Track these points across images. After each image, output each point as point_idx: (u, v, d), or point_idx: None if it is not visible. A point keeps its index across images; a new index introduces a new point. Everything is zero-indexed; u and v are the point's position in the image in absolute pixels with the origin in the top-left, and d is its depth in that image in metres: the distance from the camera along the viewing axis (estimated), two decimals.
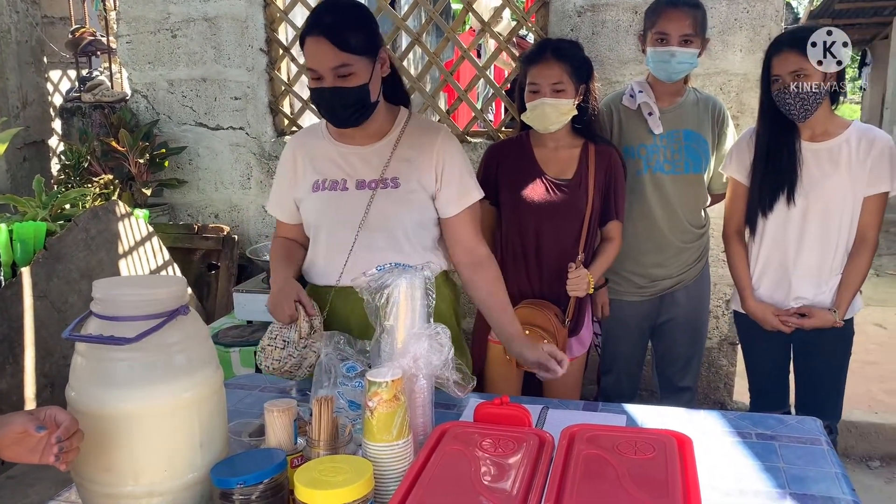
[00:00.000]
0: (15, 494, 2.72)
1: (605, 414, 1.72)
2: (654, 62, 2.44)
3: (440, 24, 3.60)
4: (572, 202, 2.30)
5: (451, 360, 1.39)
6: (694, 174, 2.51)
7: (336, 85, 1.74)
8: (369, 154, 1.89)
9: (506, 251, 2.39)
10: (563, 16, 3.37)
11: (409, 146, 1.88)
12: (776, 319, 2.36)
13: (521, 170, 2.35)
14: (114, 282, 1.43)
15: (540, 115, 2.25)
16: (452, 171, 1.89)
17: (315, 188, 1.90)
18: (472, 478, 1.20)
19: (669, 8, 2.41)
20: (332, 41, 1.71)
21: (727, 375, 3.51)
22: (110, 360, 1.21)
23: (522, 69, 2.34)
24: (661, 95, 2.52)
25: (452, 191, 1.90)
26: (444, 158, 1.89)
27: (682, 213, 2.54)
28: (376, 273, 1.47)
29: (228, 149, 3.94)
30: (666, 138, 2.49)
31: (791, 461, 1.48)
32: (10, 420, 1.15)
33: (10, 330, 2.86)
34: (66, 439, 1.12)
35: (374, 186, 1.85)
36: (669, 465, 1.21)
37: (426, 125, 1.96)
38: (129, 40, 3.95)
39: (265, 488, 1.19)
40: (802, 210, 2.28)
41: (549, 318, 2.24)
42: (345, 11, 1.79)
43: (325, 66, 1.73)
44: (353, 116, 1.80)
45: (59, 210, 3.44)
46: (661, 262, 2.58)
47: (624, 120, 2.54)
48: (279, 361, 1.78)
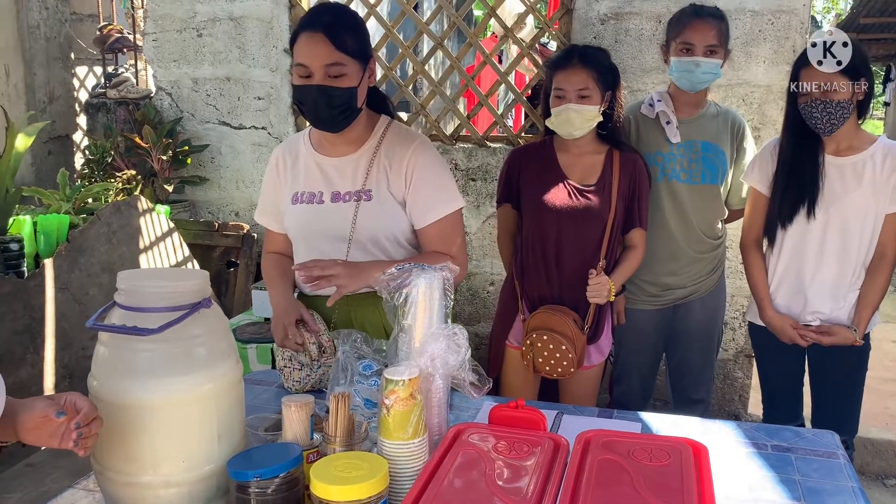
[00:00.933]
0: (32, 482, 2.75)
1: (620, 421, 1.72)
2: (677, 72, 2.43)
3: (463, 29, 3.62)
4: (594, 208, 2.29)
5: (467, 360, 1.40)
6: (710, 185, 2.50)
7: (325, 84, 1.72)
8: (345, 165, 1.87)
9: (526, 256, 2.38)
10: (587, 23, 3.38)
11: (386, 156, 1.85)
12: (794, 332, 2.34)
13: (543, 174, 2.34)
14: (138, 273, 1.45)
15: (564, 121, 2.25)
16: (422, 180, 1.84)
17: (294, 200, 1.90)
18: (486, 479, 1.21)
19: (695, 19, 2.41)
20: (329, 38, 1.70)
21: (742, 388, 3.49)
22: (132, 350, 1.22)
23: (548, 74, 2.34)
24: (682, 106, 2.51)
25: (421, 201, 1.85)
26: (414, 168, 1.84)
27: (697, 222, 2.53)
28: (395, 272, 1.47)
29: (250, 148, 3.97)
30: (683, 147, 2.49)
31: (807, 474, 1.47)
32: (32, 405, 1.17)
33: (31, 320, 2.90)
34: (85, 425, 1.14)
35: (347, 199, 1.84)
36: (685, 473, 1.21)
37: (404, 133, 1.91)
38: (155, 38, 4.00)
39: (281, 482, 1.20)
40: (822, 224, 2.27)
41: (566, 324, 2.24)
42: (342, 13, 1.81)
43: (319, 62, 1.71)
44: (338, 118, 1.78)
45: (83, 204, 3.48)
46: (675, 270, 2.56)
47: (642, 128, 2.54)
48: (300, 382, 1.81)
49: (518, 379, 2.42)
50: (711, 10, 2.45)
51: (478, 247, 3.69)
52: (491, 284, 3.72)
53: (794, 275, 2.35)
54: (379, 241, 1.85)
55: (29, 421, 1.16)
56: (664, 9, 3.28)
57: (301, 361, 1.81)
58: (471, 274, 3.70)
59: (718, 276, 2.65)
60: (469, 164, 3.63)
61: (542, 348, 2.26)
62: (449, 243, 1.89)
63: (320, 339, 1.80)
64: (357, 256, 1.84)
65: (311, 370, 1.80)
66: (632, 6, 3.32)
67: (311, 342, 1.78)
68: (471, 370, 1.39)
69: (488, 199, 3.62)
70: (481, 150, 3.62)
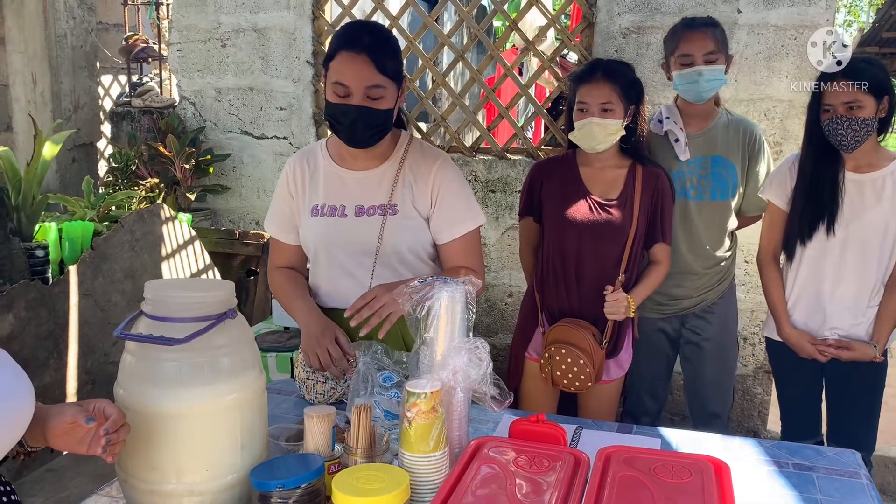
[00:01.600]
0: (54, 487, 2.78)
1: (640, 437, 1.71)
2: (682, 85, 2.44)
3: (484, 41, 3.64)
4: (615, 223, 2.28)
5: (489, 374, 1.40)
6: (720, 200, 2.49)
7: (365, 105, 1.74)
8: (369, 179, 1.88)
9: (546, 269, 2.38)
10: (608, 37, 3.38)
11: (411, 171, 1.88)
12: (812, 347, 2.33)
13: (565, 188, 2.34)
14: (165, 283, 1.48)
15: (587, 135, 2.25)
16: (447, 197, 1.87)
17: (315, 212, 1.90)
18: (507, 493, 1.21)
19: (688, 30, 2.43)
20: (372, 60, 1.72)
21: (761, 404, 3.46)
22: (159, 359, 1.24)
23: (572, 88, 2.34)
24: (691, 120, 2.51)
25: (444, 218, 1.88)
26: (440, 185, 1.87)
27: (705, 239, 2.52)
28: (418, 285, 1.48)
29: (272, 157, 4.01)
30: (693, 164, 2.48)
31: (829, 493, 1.46)
32: (62, 410, 1.19)
33: (55, 326, 2.94)
34: (114, 432, 1.16)
35: (372, 213, 1.86)
36: (706, 491, 1.21)
37: (426, 150, 1.94)
38: (179, 48, 4.05)
39: (303, 493, 1.21)
40: (842, 240, 2.26)
41: (585, 338, 2.23)
42: (382, 35, 1.82)
43: (361, 83, 1.73)
44: (372, 139, 1.81)
45: (107, 211, 3.53)
46: (680, 283, 2.55)
47: (652, 145, 2.53)
48: (323, 395, 1.82)
49: (537, 391, 2.41)
50: (704, 20, 2.46)
51: (496, 258, 3.70)
52: (509, 296, 3.72)
53: (812, 290, 2.34)
54: (403, 255, 1.86)
55: (58, 427, 1.18)
56: None
57: (326, 375, 1.81)
58: (489, 285, 3.71)
59: (727, 286, 2.64)
60: (489, 176, 3.64)
61: (559, 362, 2.26)
62: (470, 258, 1.92)
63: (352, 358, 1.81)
64: (382, 271, 1.85)
65: (336, 384, 1.81)
66: (653, 20, 3.33)
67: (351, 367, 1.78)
68: (492, 384, 1.40)
69: (507, 211, 3.63)
70: (501, 162, 3.63)
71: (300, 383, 1.88)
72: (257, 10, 3.87)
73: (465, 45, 3.75)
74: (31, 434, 1.18)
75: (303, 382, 1.86)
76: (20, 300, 2.81)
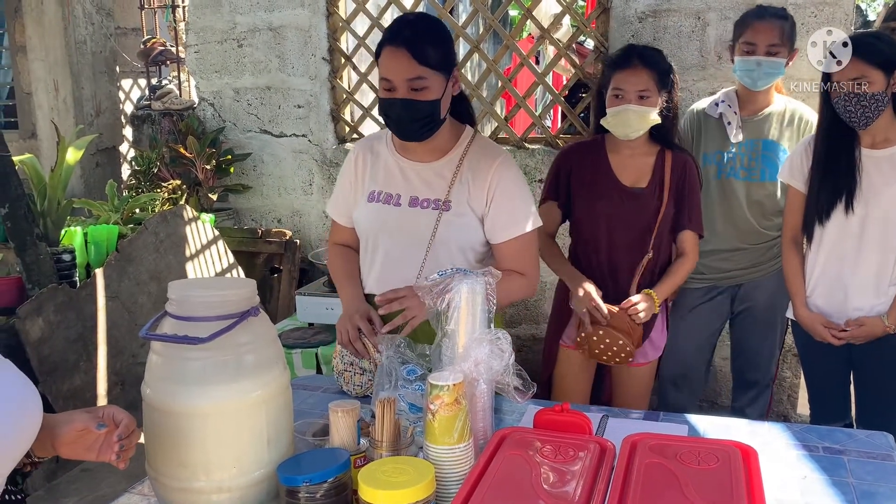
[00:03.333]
0: (88, 487, 2.83)
1: (667, 424, 1.70)
2: (740, 71, 2.50)
3: (499, 31, 3.62)
4: (645, 211, 2.27)
5: (511, 365, 1.40)
6: (770, 182, 2.54)
7: (408, 97, 1.75)
8: (428, 171, 1.88)
9: (576, 256, 2.40)
10: (624, 22, 3.35)
11: (469, 168, 1.86)
12: (825, 331, 2.30)
13: (595, 176, 2.32)
14: (188, 283, 1.49)
15: (623, 121, 2.22)
16: (503, 198, 1.85)
17: (371, 198, 1.91)
18: (532, 483, 1.21)
19: (757, 20, 2.49)
20: (411, 53, 1.72)
21: (791, 387, 3.43)
22: (184, 358, 1.25)
23: (606, 73, 2.32)
24: (747, 104, 2.57)
25: (500, 219, 1.86)
26: (497, 184, 1.84)
27: (753, 216, 2.57)
28: (438, 277, 1.48)
29: (291, 155, 4.02)
30: (745, 146, 2.54)
31: (860, 476, 1.44)
32: (71, 418, 1.20)
33: (84, 329, 2.98)
34: (126, 437, 1.17)
35: (426, 206, 1.86)
36: (734, 477, 1.20)
37: (488, 148, 1.92)
38: (197, 50, 4.08)
39: (330, 487, 1.22)
40: (861, 218, 2.23)
41: (622, 318, 2.22)
42: (426, 25, 1.82)
43: (402, 76, 1.73)
44: (421, 131, 1.80)
45: (130, 214, 3.57)
46: (727, 257, 2.63)
47: (704, 127, 2.61)
48: (360, 387, 1.84)
49: (571, 378, 2.43)
50: (775, 11, 2.52)
51: None
52: None
53: (833, 271, 2.31)
54: (452, 251, 1.86)
55: (68, 434, 1.18)
56: (703, 5, 3.24)
57: (363, 367, 1.83)
58: None
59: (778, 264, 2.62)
60: None
61: (598, 342, 2.25)
62: (523, 262, 1.89)
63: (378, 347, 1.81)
64: (431, 263, 1.84)
65: (372, 376, 1.81)
66: (670, 3, 3.29)
67: (377, 352, 1.79)
68: (515, 374, 1.39)
69: None
70: (520, 151, 3.62)
71: (338, 375, 1.89)
72: (272, 9, 3.88)
73: (480, 36, 3.74)
74: (39, 443, 1.17)
75: (340, 374, 1.87)
76: (49, 304, 2.86)
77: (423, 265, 1.85)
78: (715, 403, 3.48)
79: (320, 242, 4.02)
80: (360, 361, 1.83)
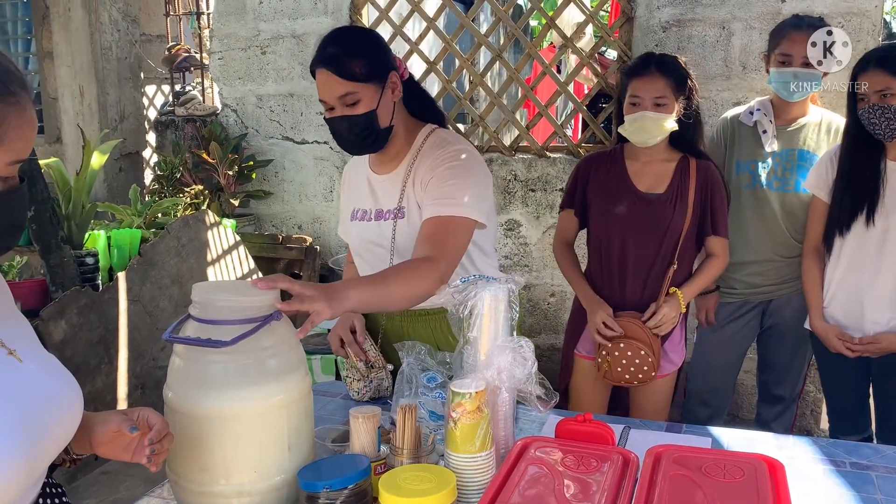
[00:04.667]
0: (107, 490, 2.84)
1: (690, 436, 1.68)
2: (776, 83, 2.47)
3: (522, 39, 3.62)
4: (660, 217, 2.25)
5: (534, 374, 1.38)
6: (805, 193, 2.49)
7: (345, 114, 1.72)
8: (386, 182, 1.87)
9: (593, 264, 2.39)
10: (648, 31, 3.34)
11: (420, 168, 1.80)
12: (839, 342, 2.28)
13: (610, 182, 2.32)
14: (212, 286, 1.49)
15: (640, 128, 2.21)
16: (437, 181, 1.74)
17: (352, 217, 1.95)
18: (555, 493, 1.19)
19: (793, 30, 2.44)
20: (334, 71, 1.69)
21: (814, 402, 3.38)
22: (206, 362, 1.25)
23: (623, 81, 2.32)
24: (782, 115, 2.54)
25: (428, 198, 1.74)
26: (436, 169, 1.75)
27: (788, 228, 2.54)
28: (460, 285, 1.48)
29: (313, 162, 4.04)
30: (779, 156, 2.51)
31: (889, 493, 1.41)
32: (107, 419, 1.21)
33: (106, 332, 3.00)
34: (158, 441, 1.17)
35: (388, 217, 1.84)
36: (761, 491, 1.17)
37: (445, 141, 1.81)
38: (220, 56, 4.12)
39: (350, 493, 1.21)
40: (882, 231, 2.20)
41: (642, 329, 2.22)
42: (347, 40, 1.77)
43: (332, 95, 1.71)
44: (365, 143, 1.77)
45: (153, 218, 3.60)
46: (758, 271, 2.59)
47: (738, 135, 2.58)
48: (358, 392, 1.88)
49: (587, 389, 2.40)
50: (811, 21, 2.46)
51: (538, 258, 3.67)
52: (551, 296, 3.69)
53: (851, 283, 2.28)
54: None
55: (104, 434, 1.19)
56: (728, 14, 3.22)
57: (359, 373, 1.88)
58: (531, 285, 3.68)
59: None
60: (528, 175, 3.61)
61: (619, 357, 2.23)
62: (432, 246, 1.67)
63: (367, 355, 1.87)
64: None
65: (366, 383, 1.87)
66: (694, 13, 3.27)
67: (360, 360, 1.85)
68: (537, 383, 1.38)
69: (548, 210, 3.60)
70: (541, 160, 3.61)
71: (345, 380, 1.92)
72: (295, 17, 3.91)
73: (502, 45, 3.74)
74: (78, 441, 1.19)
75: (345, 379, 1.91)
76: (72, 307, 2.88)
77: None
78: (737, 417, 3.44)
79: (340, 248, 4.03)
80: (356, 366, 1.87)
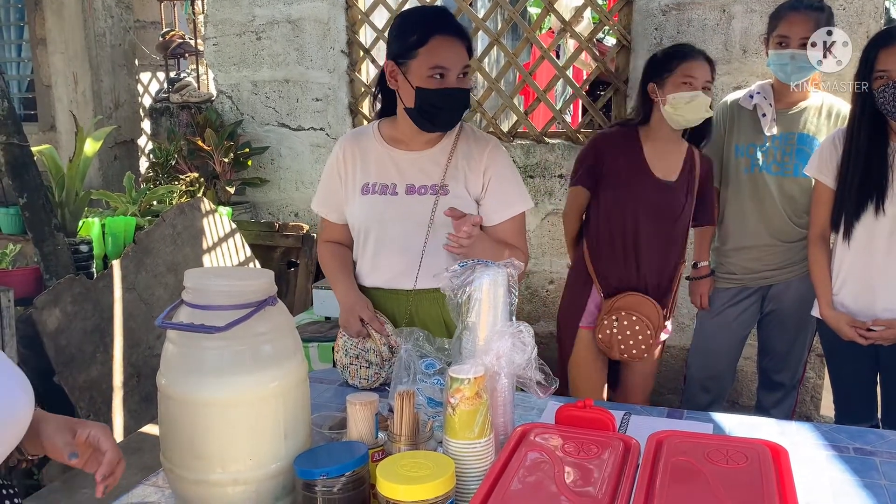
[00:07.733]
0: None
1: (691, 422, 1.66)
2: (774, 65, 2.46)
3: (520, 24, 3.58)
4: (674, 204, 2.37)
5: (533, 359, 1.36)
6: (804, 178, 2.48)
7: (459, 86, 1.81)
8: (422, 160, 1.91)
9: (601, 241, 2.45)
10: (648, 14, 3.30)
11: (463, 155, 1.92)
12: (851, 330, 2.26)
13: (630, 166, 2.39)
14: (205, 272, 1.47)
15: (697, 107, 2.28)
16: (498, 181, 1.92)
17: (365, 191, 1.92)
18: (555, 480, 1.17)
19: (791, 12, 2.42)
20: (463, 43, 1.81)
21: (814, 388, 3.37)
22: (200, 348, 1.23)
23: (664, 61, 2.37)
24: (782, 98, 2.53)
25: (495, 201, 1.92)
26: (491, 168, 1.92)
27: (787, 212, 2.53)
28: (458, 270, 1.45)
29: (309, 149, 4.01)
30: (779, 140, 2.50)
31: (893, 479, 1.40)
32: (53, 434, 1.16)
33: (101, 320, 2.98)
34: (110, 475, 1.15)
35: (423, 192, 1.89)
36: (764, 476, 1.15)
37: (478, 135, 1.99)
38: (215, 42, 4.07)
39: (347, 481, 1.19)
40: (892, 218, 2.17)
41: (654, 309, 2.36)
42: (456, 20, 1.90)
43: (459, 65, 1.80)
44: (457, 116, 1.86)
45: (148, 206, 3.57)
46: (757, 256, 2.60)
47: (737, 119, 2.57)
48: (367, 380, 1.86)
49: (588, 361, 2.49)
50: (810, 2, 2.44)
51: (537, 245, 3.65)
52: (550, 283, 3.67)
53: (861, 270, 2.26)
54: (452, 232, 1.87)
55: (50, 446, 1.16)
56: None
57: (369, 360, 1.84)
58: (529, 272, 3.66)
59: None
60: (527, 161, 3.59)
61: (625, 327, 2.34)
62: (518, 240, 1.96)
63: (389, 340, 1.84)
64: (431, 247, 1.88)
65: (380, 369, 1.84)
66: None
67: (382, 343, 1.83)
68: (537, 369, 1.36)
69: (547, 196, 3.58)
70: (539, 146, 3.58)
71: (342, 369, 1.89)
72: (291, 2, 3.87)
73: (500, 29, 3.70)
74: (30, 442, 1.15)
75: (345, 368, 1.87)
76: (66, 295, 2.85)
77: (425, 250, 1.88)
78: (736, 403, 3.43)
79: None
80: (367, 354, 1.85)
